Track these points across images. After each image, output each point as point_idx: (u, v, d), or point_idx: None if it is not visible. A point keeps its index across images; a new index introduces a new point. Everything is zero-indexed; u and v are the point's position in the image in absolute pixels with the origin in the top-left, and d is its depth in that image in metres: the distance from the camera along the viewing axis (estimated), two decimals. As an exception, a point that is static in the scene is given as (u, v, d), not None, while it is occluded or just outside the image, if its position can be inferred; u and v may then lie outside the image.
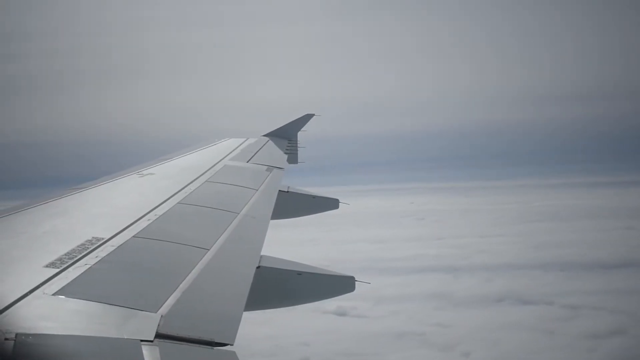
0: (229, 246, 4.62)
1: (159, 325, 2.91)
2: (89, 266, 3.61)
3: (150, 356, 2.60)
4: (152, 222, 4.86)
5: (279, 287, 4.87)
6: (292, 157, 12.86)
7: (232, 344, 2.93)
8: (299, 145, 13.94)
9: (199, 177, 7.34)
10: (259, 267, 4.48)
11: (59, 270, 3.45)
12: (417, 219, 67.47)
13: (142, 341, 2.71)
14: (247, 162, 9.62)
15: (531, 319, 33.43)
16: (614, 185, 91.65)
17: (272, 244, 5.44)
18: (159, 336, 2.80)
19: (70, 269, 3.51)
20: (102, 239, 4.20)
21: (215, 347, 2.89)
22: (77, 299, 3.10)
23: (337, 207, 9.18)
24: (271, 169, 9.19)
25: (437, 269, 43.52)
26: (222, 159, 9.26)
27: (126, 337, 2.74)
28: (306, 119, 14.80)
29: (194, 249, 4.36)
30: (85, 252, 3.85)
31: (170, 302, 3.26)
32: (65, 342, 2.60)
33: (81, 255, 3.79)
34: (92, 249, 3.96)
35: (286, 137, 14.10)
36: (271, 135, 14.03)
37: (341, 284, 5.28)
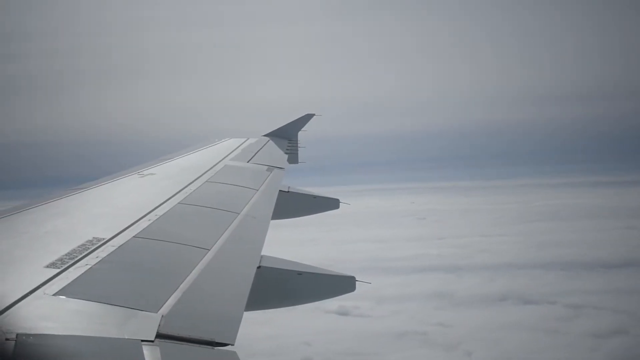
0: (229, 246, 4.62)
1: (159, 325, 2.91)
2: (89, 266, 3.61)
3: (151, 356, 2.60)
4: (152, 222, 4.86)
5: (280, 287, 4.87)
6: (293, 157, 12.86)
7: (232, 344, 2.93)
8: (299, 145, 13.93)
9: (199, 177, 7.33)
10: (259, 267, 4.48)
11: (59, 270, 3.46)
12: (418, 219, 67.44)
13: (142, 341, 2.71)
14: (248, 162, 9.62)
15: (532, 318, 33.42)
16: (615, 184, 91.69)
17: (273, 244, 5.44)
18: (159, 336, 2.80)
19: (70, 269, 3.51)
20: (103, 239, 4.20)
21: (216, 347, 2.89)
22: (78, 299, 3.10)
23: (337, 207, 9.18)
24: (272, 169, 9.19)
25: (438, 268, 43.51)
26: (223, 159, 9.25)
27: (127, 337, 2.74)
28: (306, 119, 14.80)
29: (195, 249, 4.36)
30: (85, 253, 3.86)
31: (171, 302, 3.26)
32: (66, 342, 2.60)
33: (82, 255, 3.79)
34: (92, 249, 3.96)
35: (286, 137, 14.10)
36: (271, 135, 14.03)
37: (342, 284, 5.27)
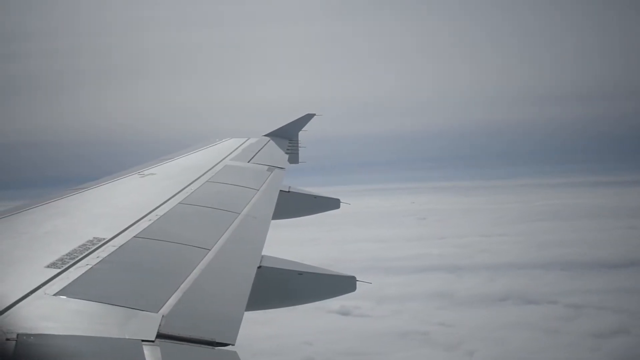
0: (230, 246, 4.62)
1: (160, 325, 2.91)
2: (90, 266, 3.61)
3: (151, 356, 2.60)
4: (153, 223, 4.86)
5: (280, 287, 4.87)
6: (293, 157, 12.86)
7: (233, 344, 2.93)
8: (299, 145, 13.93)
9: (200, 177, 7.33)
10: (260, 267, 4.48)
11: (60, 270, 3.46)
12: (419, 219, 67.37)
13: (143, 341, 2.71)
14: (248, 162, 9.62)
15: (533, 318, 33.40)
16: (615, 184, 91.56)
17: (273, 244, 5.44)
18: (160, 336, 2.80)
19: (71, 269, 3.51)
20: (104, 239, 4.20)
21: (216, 347, 2.89)
22: (79, 299, 3.10)
23: (338, 207, 9.18)
24: (272, 169, 9.19)
25: (439, 268, 43.48)
26: (223, 159, 9.25)
27: (127, 337, 2.74)
28: (307, 118, 14.80)
29: (195, 249, 4.36)
30: (86, 253, 3.86)
31: (171, 302, 3.26)
32: (66, 342, 2.60)
33: (82, 255, 3.79)
34: (93, 249, 3.96)
35: (287, 137, 14.10)
36: (272, 135, 14.02)
37: (342, 284, 5.27)
